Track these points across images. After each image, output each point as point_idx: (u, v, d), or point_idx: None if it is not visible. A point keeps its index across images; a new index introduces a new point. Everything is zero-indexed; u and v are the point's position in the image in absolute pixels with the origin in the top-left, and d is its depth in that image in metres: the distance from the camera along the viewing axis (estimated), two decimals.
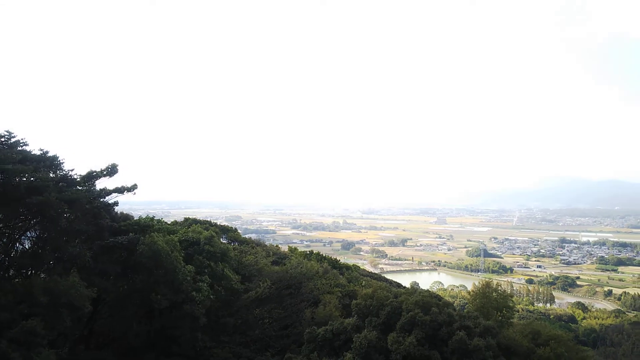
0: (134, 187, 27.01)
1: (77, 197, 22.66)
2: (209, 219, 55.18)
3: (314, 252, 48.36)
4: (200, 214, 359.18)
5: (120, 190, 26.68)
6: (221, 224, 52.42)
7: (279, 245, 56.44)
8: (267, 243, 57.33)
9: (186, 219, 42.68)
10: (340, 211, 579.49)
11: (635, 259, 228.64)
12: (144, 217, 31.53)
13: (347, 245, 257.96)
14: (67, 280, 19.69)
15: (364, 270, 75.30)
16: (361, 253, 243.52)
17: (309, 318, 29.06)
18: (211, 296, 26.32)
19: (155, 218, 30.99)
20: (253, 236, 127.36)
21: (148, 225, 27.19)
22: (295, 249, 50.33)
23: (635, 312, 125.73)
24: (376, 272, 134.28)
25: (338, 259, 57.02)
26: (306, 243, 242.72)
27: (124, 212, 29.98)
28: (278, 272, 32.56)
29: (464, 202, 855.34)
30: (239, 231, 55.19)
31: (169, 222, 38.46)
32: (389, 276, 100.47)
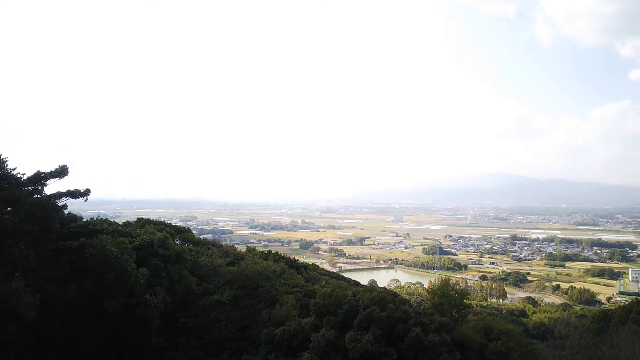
0: (87, 192, 26.12)
1: (19, 196, 21.40)
2: (162, 219, 53.77)
3: (272, 252, 47.91)
4: (154, 214, 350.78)
5: (72, 195, 25.55)
6: (176, 224, 51.14)
7: (236, 246, 55.69)
8: (223, 244, 56.24)
9: (139, 220, 41.35)
10: (299, 210, 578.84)
11: (581, 255, 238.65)
12: (94, 218, 30.33)
13: (306, 245, 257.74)
14: (10, 285, 18.58)
15: (323, 269, 75.40)
16: (320, 252, 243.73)
17: (266, 319, 28.67)
18: (168, 298, 25.50)
19: (106, 219, 29.86)
20: (209, 237, 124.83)
21: (97, 228, 26.10)
22: (253, 249, 49.64)
23: (581, 305, 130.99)
24: (335, 271, 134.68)
25: (296, 258, 56.80)
26: (264, 243, 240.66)
27: (73, 213, 28.70)
28: (235, 273, 31.92)
29: (417, 200, 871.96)
30: (195, 232, 54.02)
31: (120, 223, 37.04)
32: (347, 275, 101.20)
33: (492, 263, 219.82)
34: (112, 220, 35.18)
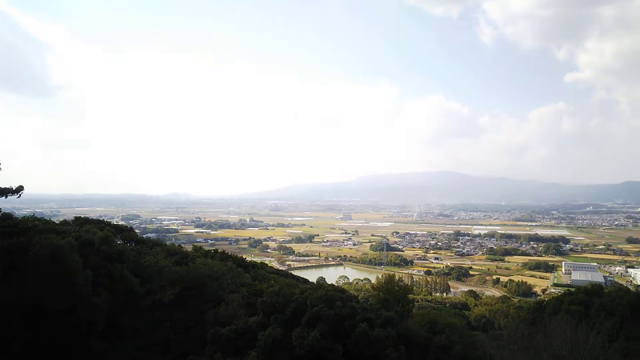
0: (20, 188, 24.96)
1: None
2: (103, 218, 51.73)
3: (219, 250, 47.13)
4: (94, 212, 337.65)
5: (2, 192, 24.15)
6: (117, 223, 49.35)
7: (182, 245, 54.32)
8: (168, 243, 54.78)
9: (77, 219, 39.51)
10: (247, 209, 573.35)
11: (519, 249, 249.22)
12: (29, 216, 28.80)
13: (254, 243, 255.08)
14: None
15: (272, 267, 74.94)
16: (268, 250, 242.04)
17: (212, 319, 28.15)
18: (109, 299, 24.57)
19: (42, 218, 28.38)
20: (153, 236, 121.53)
21: (31, 227, 24.78)
22: (200, 248, 48.58)
23: (519, 297, 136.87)
24: (283, 269, 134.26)
25: (244, 257, 56.12)
26: (211, 242, 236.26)
27: (8, 212, 27.10)
28: (180, 273, 31.13)
29: (366, 198, 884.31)
30: (138, 231, 52.28)
31: (57, 222, 35.31)
32: (296, 272, 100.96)
33: (436, 258, 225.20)
34: (48, 219, 33.53)
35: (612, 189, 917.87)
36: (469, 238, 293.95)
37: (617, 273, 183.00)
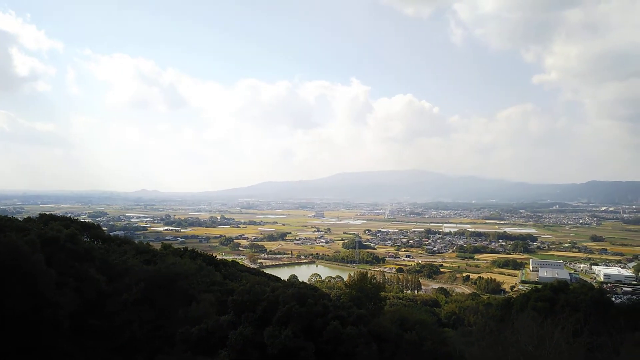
0: None
1: None
2: (69, 215, 50.35)
3: (189, 249, 46.51)
4: (60, 209, 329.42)
5: None
6: (84, 220, 48.13)
7: (151, 243, 53.33)
8: (137, 241, 53.73)
9: (42, 216, 38.36)
10: (218, 206, 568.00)
11: (488, 247, 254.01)
12: None
13: (226, 241, 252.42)
14: None
15: (243, 265, 74.49)
16: (240, 248, 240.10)
17: (182, 318, 27.71)
18: (76, 299, 23.86)
19: (5, 215, 27.42)
20: (121, 234, 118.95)
21: None
22: (169, 246, 47.89)
23: (488, 294, 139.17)
24: (255, 267, 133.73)
25: (215, 255, 55.51)
26: (181, 240, 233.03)
27: None
28: (149, 271, 30.56)
29: (338, 196, 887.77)
30: (105, 229, 51.16)
31: (21, 219, 34.19)
32: (268, 270, 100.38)
33: (408, 256, 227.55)
34: (11, 217, 32.42)
35: (577, 188, 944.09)
36: (439, 236, 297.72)
37: (581, 270, 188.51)
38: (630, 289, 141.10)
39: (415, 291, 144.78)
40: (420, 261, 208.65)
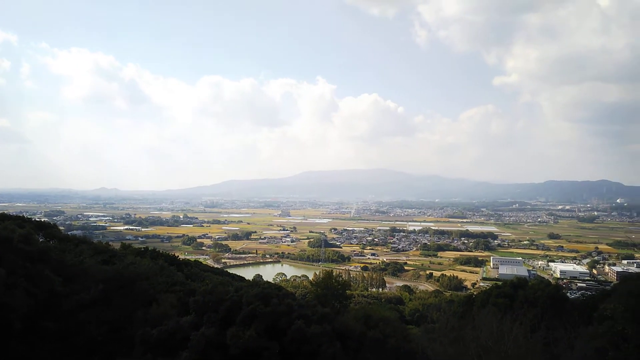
0: None
1: None
2: (24, 214, 48.40)
3: (150, 248, 45.46)
4: (14, 208, 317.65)
5: None
6: (40, 219, 46.36)
7: (110, 243, 51.81)
8: (95, 240, 52.13)
9: None
10: (181, 205, 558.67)
11: (451, 245, 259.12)
12: None
13: (188, 241, 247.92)
14: None
15: (206, 265, 73.39)
16: (203, 248, 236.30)
17: (142, 319, 26.95)
18: (28, 300, 22.88)
19: None
20: (79, 233, 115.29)
21: None
22: (129, 245, 46.68)
23: (450, 291, 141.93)
24: (219, 266, 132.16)
25: (177, 255, 54.50)
26: (142, 239, 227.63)
27: None
28: (107, 272, 29.65)
29: (304, 195, 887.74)
30: (62, 228, 49.48)
31: None
32: (232, 270, 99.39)
33: (373, 254, 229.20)
34: None
35: (536, 187, 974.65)
36: (404, 234, 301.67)
37: (539, 267, 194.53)
38: (584, 285, 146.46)
39: (380, 289, 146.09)
40: (385, 259, 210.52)
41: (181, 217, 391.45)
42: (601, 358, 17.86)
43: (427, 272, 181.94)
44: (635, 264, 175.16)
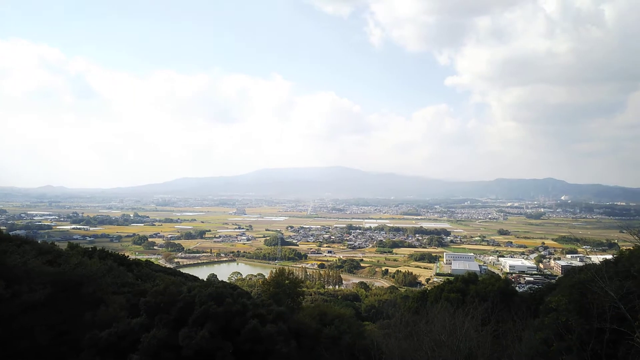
0: None
1: None
2: None
3: (99, 248, 43.86)
4: None
5: None
6: None
7: (57, 243, 49.43)
8: (40, 240, 49.79)
9: None
10: (131, 203, 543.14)
11: (406, 242, 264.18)
12: None
13: (139, 240, 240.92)
14: None
15: (158, 265, 71.56)
16: (155, 247, 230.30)
17: (90, 322, 25.90)
18: None
19: None
20: (22, 233, 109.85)
21: None
22: (76, 245, 44.80)
23: (405, 287, 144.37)
24: (171, 266, 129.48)
25: (127, 254, 52.91)
26: (90, 239, 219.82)
27: None
28: (53, 273, 28.32)
29: (260, 192, 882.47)
30: (4, 228, 47.08)
31: None
32: (185, 270, 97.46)
33: (330, 252, 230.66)
34: None
35: (486, 185, 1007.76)
36: (360, 231, 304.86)
37: (490, 262, 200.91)
38: (532, 279, 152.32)
39: (337, 286, 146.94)
40: (341, 256, 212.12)
41: (132, 215, 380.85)
42: (547, 348, 18.50)
43: (383, 268, 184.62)
44: (578, 258, 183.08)
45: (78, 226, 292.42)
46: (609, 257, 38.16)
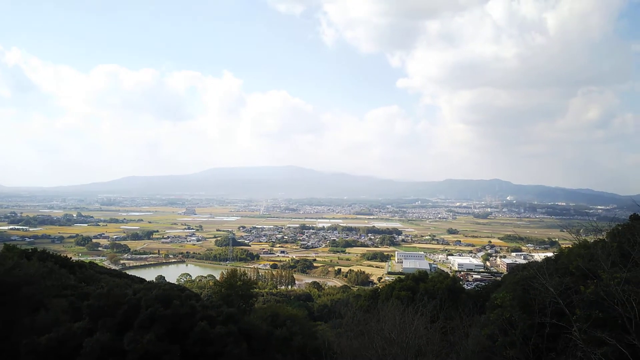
0: None
1: None
2: None
3: (39, 249, 41.75)
4: None
5: None
6: None
7: None
8: None
9: None
10: (75, 202, 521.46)
11: (358, 241, 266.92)
12: None
13: (83, 241, 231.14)
14: None
15: (103, 267, 69.16)
16: (99, 249, 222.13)
17: (28, 327, 24.56)
18: None
19: None
20: None
21: None
22: (14, 247, 42.39)
23: (358, 286, 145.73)
24: (117, 268, 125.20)
25: (70, 256, 50.67)
26: (29, 240, 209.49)
27: None
28: None
29: (211, 192, 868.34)
30: None
31: None
32: (132, 272, 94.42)
33: (282, 252, 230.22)
34: None
35: (436, 185, 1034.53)
36: (313, 231, 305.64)
37: (440, 260, 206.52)
38: (479, 276, 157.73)
39: (290, 286, 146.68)
40: (294, 256, 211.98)
41: (75, 215, 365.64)
42: (492, 344, 19.04)
43: (336, 268, 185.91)
44: (522, 256, 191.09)
45: (16, 227, 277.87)
46: (550, 254, 39.96)
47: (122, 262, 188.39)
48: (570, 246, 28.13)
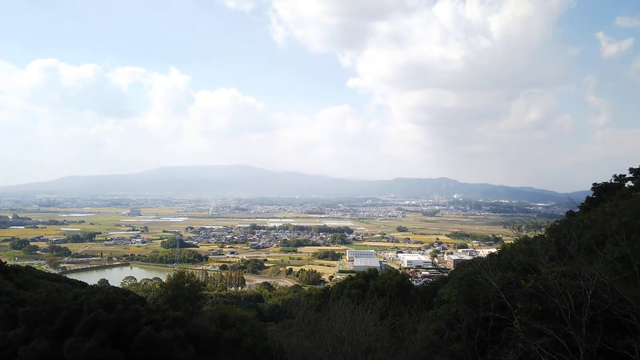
0: None
1: None
2: None
3: None
4: None
5: None
6: None
7: None
8: None
9: None
10: (10, 204, 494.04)
11: (310, 240, 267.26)
12: None
13: (19, 244, 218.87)
14: None
15: (41, 271, 65.86)
16: (38, 252, 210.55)
17: None
18: None
19: None
20: None
21: None
22: None
23: (309, 285, 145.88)
24: (57, 272, 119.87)
25: (5, 260, 47.90)
26: None
27: None
28: None
29: (157, 192, 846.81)
30: None
31: None
32: (73, 276, 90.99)
33: (232, 252, 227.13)
34: None
35: (386, 184, 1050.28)
36: (264, 231, 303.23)
37: (390, 258, 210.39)
38: (427, 273, 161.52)
39: (240, 287, 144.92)
40: (245, 257, 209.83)
41: (10, 217, 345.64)
42: (439, 338, 19.47)
43: (287, 267, 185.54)
44: (468, 252, 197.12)
45: None
46: (494, 250, 41.27)
47: (62, 265, 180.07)
48: (513, 242, 29.23)
